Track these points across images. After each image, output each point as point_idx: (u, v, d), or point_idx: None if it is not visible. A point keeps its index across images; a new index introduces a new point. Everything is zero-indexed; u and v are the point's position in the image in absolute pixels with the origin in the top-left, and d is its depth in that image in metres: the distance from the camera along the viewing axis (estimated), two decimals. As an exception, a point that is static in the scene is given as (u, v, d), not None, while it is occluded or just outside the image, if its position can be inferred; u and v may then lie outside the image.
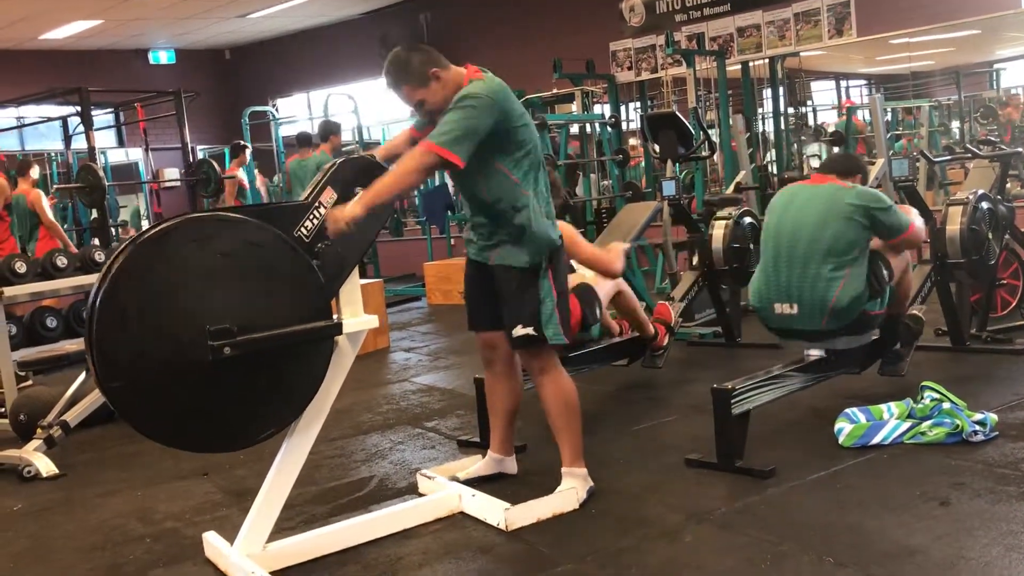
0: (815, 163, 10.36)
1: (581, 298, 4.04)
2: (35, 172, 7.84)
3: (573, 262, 4.11)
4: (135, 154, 13.63)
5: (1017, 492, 2.86)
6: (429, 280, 8.65)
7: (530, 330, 3.02)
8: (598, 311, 4.11)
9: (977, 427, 3.35)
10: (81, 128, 8.31)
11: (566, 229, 3.90)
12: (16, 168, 7.90)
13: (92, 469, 4.06)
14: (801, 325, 3.64)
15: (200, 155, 11.18)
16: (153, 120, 11.20)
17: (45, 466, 3.97)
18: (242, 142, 9.84)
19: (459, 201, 2.80)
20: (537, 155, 3.04)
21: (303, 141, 8.81)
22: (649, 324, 4.52)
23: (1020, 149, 6.30)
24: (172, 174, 12.86)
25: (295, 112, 14.38)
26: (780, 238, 3.69)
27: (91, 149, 8.24)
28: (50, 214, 7.68)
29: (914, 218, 3.75)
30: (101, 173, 7.73)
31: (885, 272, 3.68)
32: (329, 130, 8.32)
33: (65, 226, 10.03)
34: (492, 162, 2.94)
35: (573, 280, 4.11)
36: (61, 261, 4.57)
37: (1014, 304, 5.38)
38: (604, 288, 4.17)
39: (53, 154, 11.88)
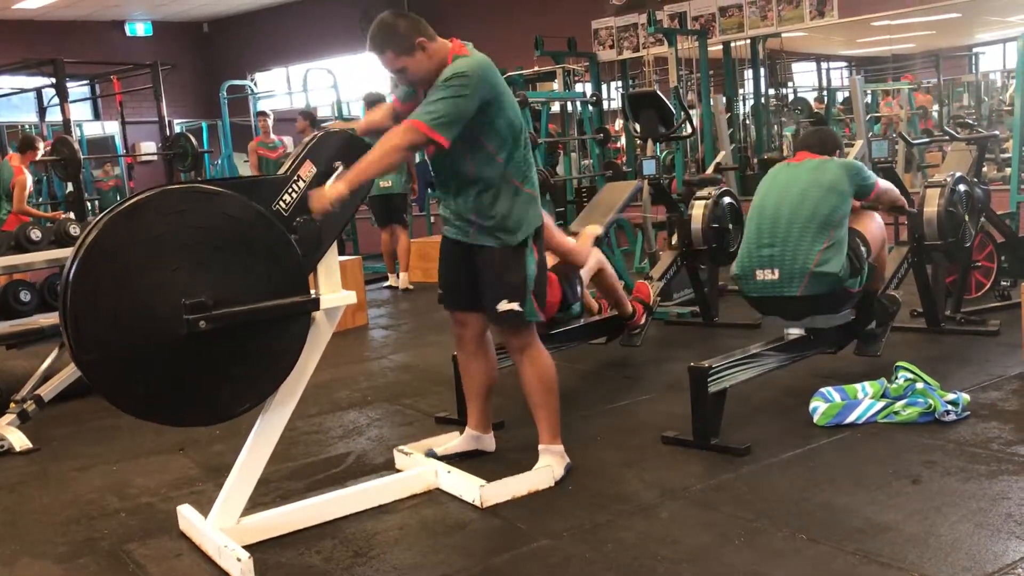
0: (787, 133, 10.40)
1: (561, 277, 4.05)
2: (39, 153, 7.64)
3: None
4: (111, 127, 13.46)
5: (987, 471, 2.91)
6: (409, 258, 8.62)
7: (515, 305, 3.01)
8: (579, 289, 4.12)
9: (949, 407, 3.39)
10: (56, 100, 8.18)
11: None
12: (19, 142, 7.75)
13: (67, 443, 4.03)
14: (780, 290, 3.63)
15: (177, 129, 11.05)
16: (129, 93, 11.06)
17: (19, 440, 3.94)
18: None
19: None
20: (522, 133, 3.03)
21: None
22: (628, 302, 4.53)
23: (996, 132, 6.35)
24: (149, 148, 12.73)
25: (274, 87, 14.25)
26: (763, 212, 3.74)
27: (66, 122, 8.12)
28: (23, 202, 7.52)
29: (878, 177, 3.92)
30: (76, 146, 7.63)
31: (863, 249, 3.72)
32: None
33: (40, 199, 9.91)
34: (477, 140, 2.92)
35: (552, 259, 4.12)
36: (35, 234, 4.51)
37: (988, 286, 5.44)
38: (585, 266, 4.18)
39: (27, 126, 11.71)
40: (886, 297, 4.13)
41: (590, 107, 8.76)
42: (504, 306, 3.02)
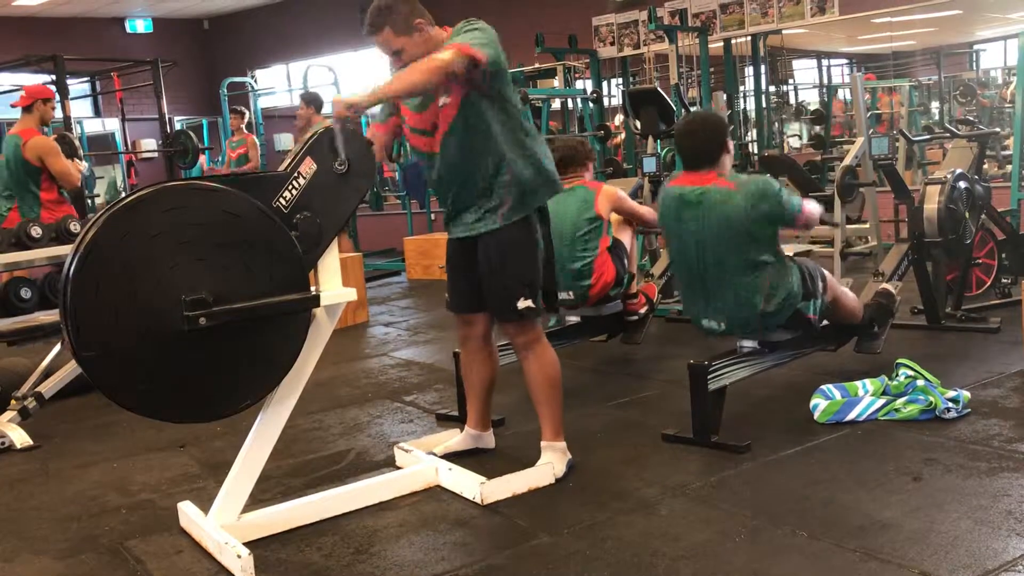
0: (795, 142, 10.40)
1: (613, 255, 4.24)
2: None
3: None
4: (112, 124, 13.46)
5: (987, 468, 2.91)
6: (409, 255, 8.63)
7: (530, 302, 3.01)
8: (625, 261, 4.30)
9: (950, 404, 3.39)
10: (56, 97, 8.16)
11: (614, 190, 4.31)
12: None
13: (68, 440, 4.03)
14: (734, 333, 3.50)
15: (178, 126, 11.06)
16: (130, 90, 11.06)
17: (19, 437, 3.95)
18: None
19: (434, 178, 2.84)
20: (517, 106, 3.03)
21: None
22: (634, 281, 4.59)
23: (997, 129, 6.35)
24: (149, 145, 12.73)
25: (274, 83, 14.24)
26: (687, 258, 3.42)
27: (66, 118, 8.09)
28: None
29: (805, 201, 3.43)
30: (77, 143, 7.62)
31: (820, 283, 3.48)
32: None
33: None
34: (484, 114, 2.91)
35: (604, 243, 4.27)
36: (36, 231, 4.52)
37: (988, 283, 5.43)
38: (627, 237, 4.37)
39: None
40: (881, 294, 4.12)
41: (591, 104, 8.75)
42: (523, 303, 3.00)
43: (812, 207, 3.43)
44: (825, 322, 3.62)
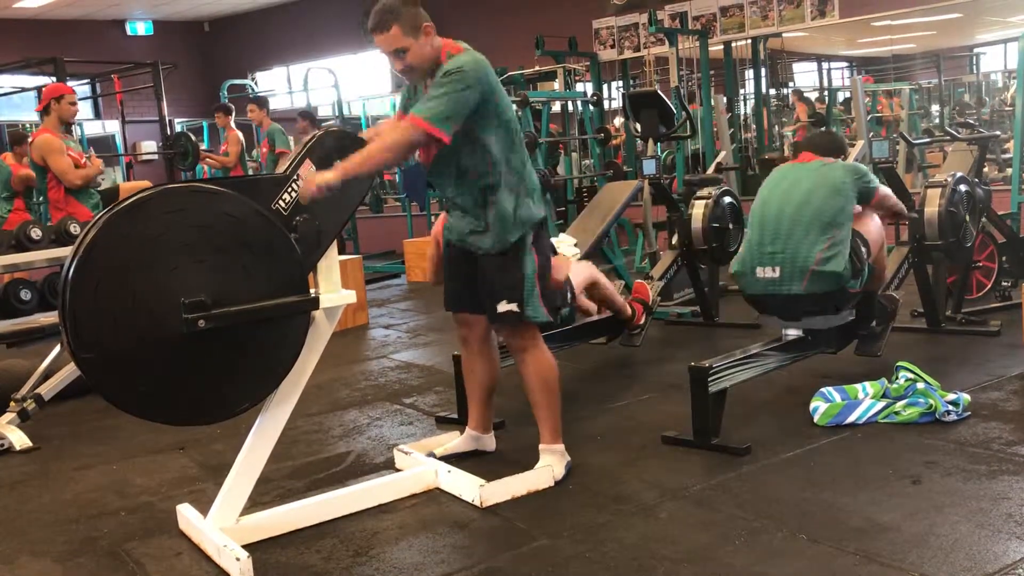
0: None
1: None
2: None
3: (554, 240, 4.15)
4: (112, 126, 13.47)
5: (987, 471, 2.90)
6: (409, 257, 8.63)
7: (513, 306, 3.01)
8: (568, 296, 4.14)
9: (950, 407, 3.39)
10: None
11: None
12: (10, 138, 7.80)
13: (67, 443, 4.03)
14: (780, 288, 3.62)
15: (178, 128, 11.06)
16: (130, 92, 11.06)
17: (19, 439, 3.94)
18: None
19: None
20: (517, 132, 3.03)
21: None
22: (627, 306, 4.54)
23: (998, 133, 6.35)
24: (149, 147, 12.73)
25: (275, 86, 14.25)
26: (767, 211, 3.74)
27: (67, 121, 8.11)
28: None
29: (879, 183, 3.94)
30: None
31: (864, 250, 3.71)
32: None
33: (40, 199, 9.89)
34: (475, 138, 2.91)
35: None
36: (36, 233, 4.52)
37: (989, 286, 5.43)
38: (578, 274, 4.22)
39: (28, 125, 11.70)
40: (885, 297, 4.13)
41: (591, 107, 8.76)
42: (503, 307, 3.01)
43: (886, 190, 3.96)
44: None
